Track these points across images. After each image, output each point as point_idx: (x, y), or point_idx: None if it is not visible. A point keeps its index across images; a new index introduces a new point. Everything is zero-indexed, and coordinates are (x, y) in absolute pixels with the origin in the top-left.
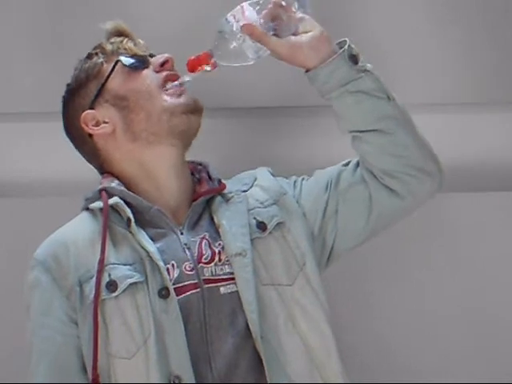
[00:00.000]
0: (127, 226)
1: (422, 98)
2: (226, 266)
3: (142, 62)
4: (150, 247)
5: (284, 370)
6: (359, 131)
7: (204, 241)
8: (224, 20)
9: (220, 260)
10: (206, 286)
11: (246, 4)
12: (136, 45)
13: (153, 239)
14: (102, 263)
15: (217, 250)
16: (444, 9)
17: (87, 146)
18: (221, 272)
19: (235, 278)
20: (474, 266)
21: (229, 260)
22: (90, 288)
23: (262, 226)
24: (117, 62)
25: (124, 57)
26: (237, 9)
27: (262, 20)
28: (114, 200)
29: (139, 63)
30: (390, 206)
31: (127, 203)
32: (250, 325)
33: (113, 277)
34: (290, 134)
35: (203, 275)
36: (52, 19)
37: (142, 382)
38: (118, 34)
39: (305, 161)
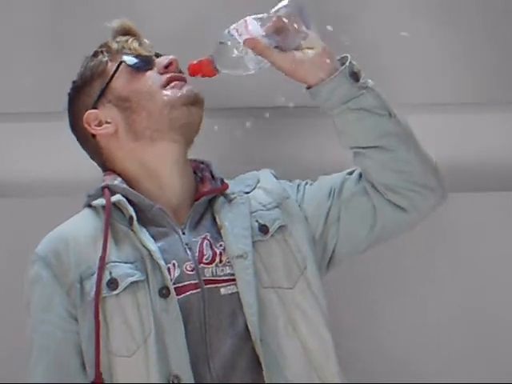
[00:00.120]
0: (129, 224)
1: (422, 98)
2: (227, 267)
3: (145, 63)
4: (151, 246)
5: (282, 372)
6: (361, 147)
7: (205, 241)
8: (227, 33)
9: (221, 261)
10: (207, 286)
11: (249, 18)
12: (141, 45)
13: (154, 238)
14: (103, 260)
15: (218, 251)
16: (444, 9)
17: (90, 144)
18: (221, 273)
19: (236, 280)
20: (474, 266)
21: (230, 261)
22: (90, 285)
23: (264, 229)
24: (121, 63)
25: (128, 57)
26: (240, 23)
27: (265, 33)
28: (116, 198)
29: (143, 64)
30: (394, 219)
31: (129, 201)
32: (249, 327)
33: (114, 275)
34: (293, 134)
35: (204, 275)
36: (52, 19)
37: (142, 380)
38: (124, 32)
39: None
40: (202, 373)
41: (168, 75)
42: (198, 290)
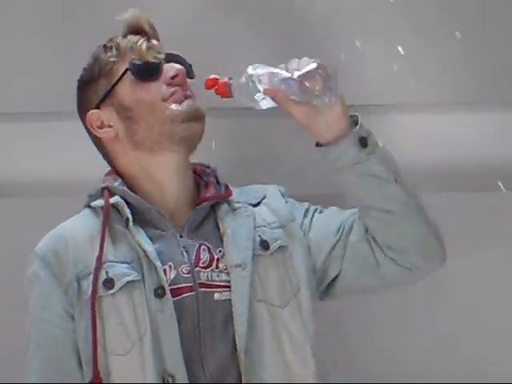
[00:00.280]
0: (126, 225)
1: (422, 97)
2: (223, 273)
3: (150, 73)
4: (147, 247)
5: None
6: (365, 207)
7: (203, 246)
8: (248, 76)
9: (217, 267)
10: (201, 289)
11: (273, 70)
12: (150, 48)
13: (152, 240)
14: (99, 261)
15: (216, 257)
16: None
17: (96, 139)
18: (217, 278)
19: (231, 288)
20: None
21: (227, 269)
22: (87, 284)
23: (265, 245)
24: (126, 71)
25: (134, 63)
26: (263, 73)
27: (284, 86)
28: (114, 199)
29: (147, 74)
30: (394, 274)
31: (128, 203)
32: (236, 337)
33: (110, 274)
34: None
35: (199, 279)
36: (53, 19)
37: (138, 378)
38: (134, 29)
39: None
40: (197, 373)
41: (171, 89)
42: (193, 292)
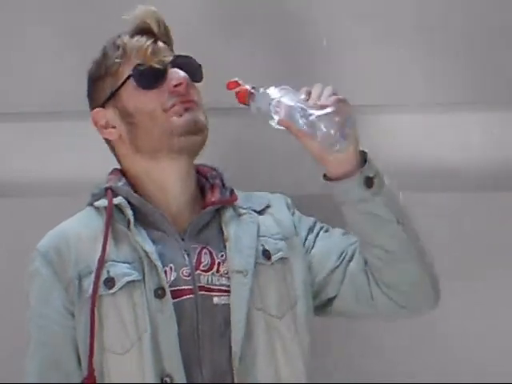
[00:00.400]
0: (128, 226)
1: (422, 97)
2: (224, 278)
3: (153, 80)
4: (148, 247)
5: None
6: (365, 242)
7: (205, 249)
8: (269, 97)
9: (218, 271)
10: (200, 292)
11: (291, 96)
12: (155, 53)
13: (154, 241)
14: (101, 262)
15: (217, 261)
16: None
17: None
18: (217, 282)
19: (230, 293)
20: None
21: (228, 274)
22: (88, 283)
23: (266, 254)
24: (129, 77)
25: (137, 69)
26: (282, 105)
27: (300, 122)
28: (118, 200)
29: (150, 82)
30: (387, 309)
31: (131, 204)
32: (232, 343)
33: (111, 274)
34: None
35: (199, 282)
36: (52, 19)
37: (136, 378)
38: (142, 30)
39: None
40: (194, 375)
41: (172, 100)
42: (192, 295)
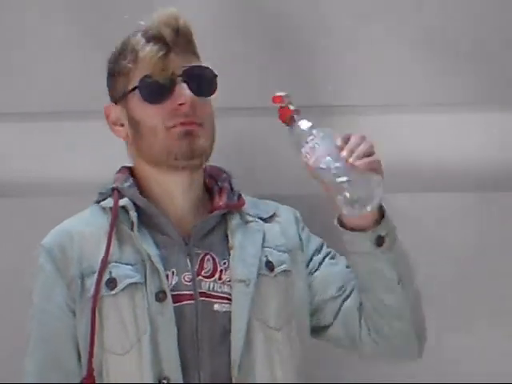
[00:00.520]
0: (132, 228)
1: (422, 97)
2: (225, 286)
3: (159, 95)
4: (151, 251)
5: None
6: (364, 288)
7: (208, 256)
8: (302, 142)
9: (220, 278)
10: (201, 298)
11: (325, 158)
12: (164, 67)
13: (158, 244)
14: (104, 263)
15: (220, 268)
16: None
17: None
18: (219, 289)
19: (232, 302)
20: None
21: (230, 282)
22: (90, 283)
23: (270, 266)
24: (135, 88)
25: (144, 82)
26: (317, 152)
27: (327, 176)
28: (123, 202)
29: (155, 96)
30: (371, 352)
31: (137, 205)
32: (231, 352)
33: (113, 275)
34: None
35: (200, 288)
36: (52, 19)
37: (134, 378)
38: (155, 38)
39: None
40: (192, 379)
41: (174, 121)
42: (193, 301)
